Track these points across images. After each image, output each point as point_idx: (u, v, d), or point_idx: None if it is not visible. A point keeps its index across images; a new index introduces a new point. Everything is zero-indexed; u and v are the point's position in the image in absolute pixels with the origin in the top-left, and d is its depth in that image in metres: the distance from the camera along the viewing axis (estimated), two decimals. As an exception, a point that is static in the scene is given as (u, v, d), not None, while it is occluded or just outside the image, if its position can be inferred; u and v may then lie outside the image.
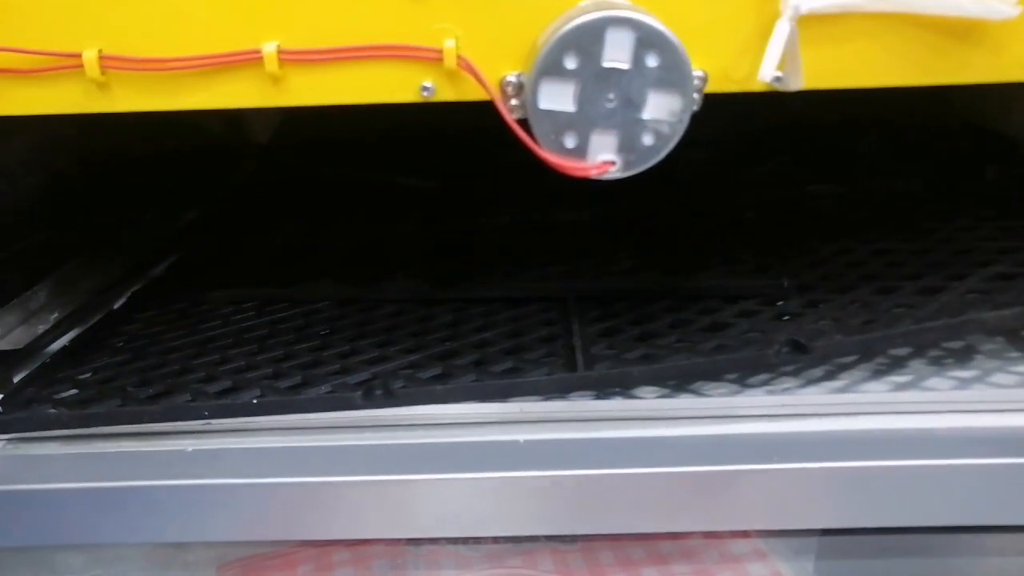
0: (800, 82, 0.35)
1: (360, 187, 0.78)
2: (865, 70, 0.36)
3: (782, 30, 0.34)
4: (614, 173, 0.34)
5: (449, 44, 0.35)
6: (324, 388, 0.44)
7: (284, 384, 0.45)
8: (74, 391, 0.47)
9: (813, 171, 0.73)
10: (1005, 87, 0.37)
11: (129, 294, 0.59)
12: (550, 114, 0.33)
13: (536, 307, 0.52)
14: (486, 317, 0.51)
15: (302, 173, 0.83)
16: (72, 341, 0.52)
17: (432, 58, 0.36)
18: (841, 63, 0.36)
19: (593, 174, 0.34)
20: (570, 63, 0.32)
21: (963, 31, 0.35)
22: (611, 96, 0.33)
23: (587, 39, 0.32)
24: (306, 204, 0.76)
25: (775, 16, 0.34)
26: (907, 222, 0.59)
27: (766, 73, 0.34)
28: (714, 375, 0.43)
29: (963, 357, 0.45)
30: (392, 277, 0.57)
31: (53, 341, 0.51)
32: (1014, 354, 0.45)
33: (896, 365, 0.44)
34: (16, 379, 0.47)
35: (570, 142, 0.34)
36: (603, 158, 0.34)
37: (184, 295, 0.59)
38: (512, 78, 0.35)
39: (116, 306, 0.57)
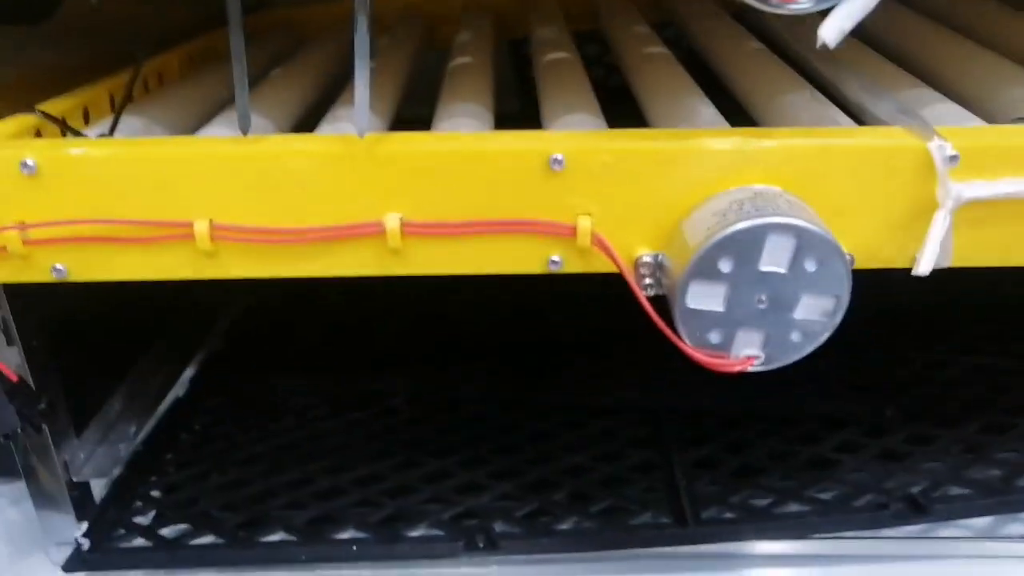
0: (949, 261, 0.34)
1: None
2: (1015, 250, 0.34)
3: (941, 223, 0.32)
4: (756, 367, 0.33)
5: (584, 222, 0.33)
6: (420, 528, 0.43)
7: (376, 517, 0.44)
8: (153, 512, 0.46)
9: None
10: None
11: (190, 380, 0.57)
12: (697, 313, 0.32)
13: (625, 420, 0.51)
14: (574, 431, 0.50)
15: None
16: (144, 443, 0.50)
17: (564, 234, 0.34)
18: (990, 243, 0.34)
19: (735, 369, 0.33)
20: (724, 267, 0.30)
21: None
22: (763, 298, 0.31)
23: (745, 245, 0.30)
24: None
25: (925, 200, 0.33)
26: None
27: (925, 267, 0.33)
28: (827, 530, 0.42)
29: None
30: (468, 375, 0.56)
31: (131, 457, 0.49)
32: None
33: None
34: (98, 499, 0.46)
35: (715, 338, 0.32)
36: (747, 353, 0.32)
37: (248, 380, 0.58)
38: (647, 258, 0.34)
39: (181, 394, 0.56)
